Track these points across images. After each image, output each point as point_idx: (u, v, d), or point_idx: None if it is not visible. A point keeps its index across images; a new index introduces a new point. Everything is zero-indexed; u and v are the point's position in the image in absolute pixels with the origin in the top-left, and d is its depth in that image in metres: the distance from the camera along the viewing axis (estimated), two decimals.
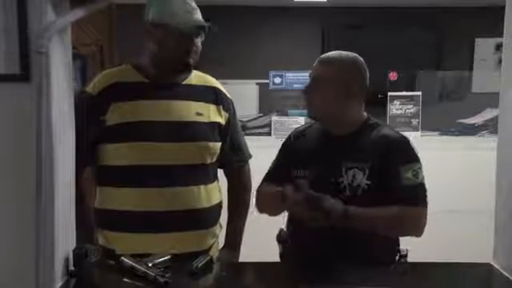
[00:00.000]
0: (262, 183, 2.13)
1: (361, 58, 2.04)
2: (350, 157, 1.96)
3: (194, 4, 2.04)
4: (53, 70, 1.62)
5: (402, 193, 1.90)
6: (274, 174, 2.11)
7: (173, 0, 2.02)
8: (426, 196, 1.94)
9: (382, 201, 1.87)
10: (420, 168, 1.95)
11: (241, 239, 2.28)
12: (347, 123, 2.03)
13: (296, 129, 2.22)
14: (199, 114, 2.08)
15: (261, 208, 2.13)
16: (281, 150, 2.16)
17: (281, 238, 2.18)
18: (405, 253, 2.01)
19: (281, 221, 2.13)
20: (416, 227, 1.92)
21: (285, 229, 2.17)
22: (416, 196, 1.92)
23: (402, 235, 1.98)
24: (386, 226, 1.91)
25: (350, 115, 2.03)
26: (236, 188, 2.25)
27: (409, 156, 1.96)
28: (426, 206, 1.93)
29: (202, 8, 2.04)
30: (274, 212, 2.11)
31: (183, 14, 1.99)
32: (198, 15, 2.04)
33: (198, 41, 2.05)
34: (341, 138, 2.02)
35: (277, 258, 2.11)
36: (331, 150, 2.01)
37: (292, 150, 2.11)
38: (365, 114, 2.06)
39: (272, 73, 5.57)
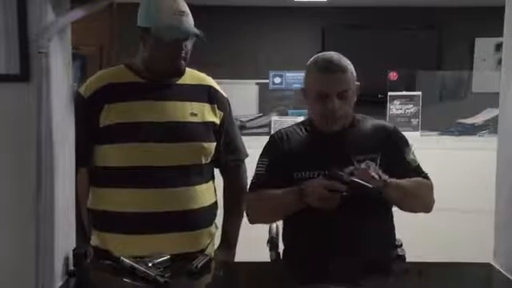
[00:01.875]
0: (254, 191, 2.07)
1: None
2: (358, 150, 1.98)
3: (183, 7, 2.00)
4: (53, 70, 1.62)
5: (412, 174, 2.01)
6: (271, 181, 2.02)
7: (161, 6, 1.98)
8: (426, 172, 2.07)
9: None
10: (413, 149, 2.09)
11: (236, 238, 2.27)
12: (347, 119, 2.03)
13: (277, 132, 2.15)
14: (193, 115, 2.07)
15: (259, 216, 2.08)
16: (270, 155, 2.09)
17: (272, 245, 2.19)
18: (399, 243, 2.05)
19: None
20: (431, 199, 2.03)
21: (275, 236, 2.18)
22: (423, 173, 2.05)
23: (421, 207, 2.04)
24: (414, 194, 1.97)
25: (352, 111, 2.05)
26: (232, 187, 2.25)
27: (405, 140, 2.09)
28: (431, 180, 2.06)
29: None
30: (277, 216, 2.10)
31: (170, 20, 1.96)
32: (186, 20, 2.00)
33: (188, 43, 2.03)
34: (339, 135, 2.02)
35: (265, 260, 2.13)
36: (336, 146, 2.00)
37: (286, 152, 2.06)
38: None
39: (272, 73, 5.56)
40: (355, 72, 2.01)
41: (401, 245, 2.10)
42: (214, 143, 2.13)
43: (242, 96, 4.63)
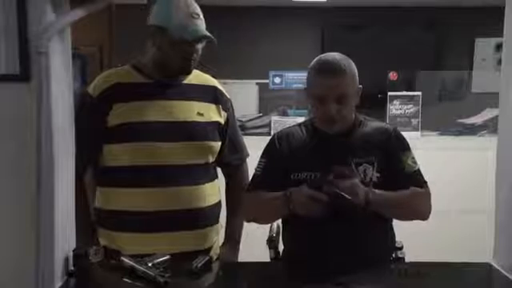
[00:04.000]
0: (252, 191, 2.08)
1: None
2: (356, 153, 1.97)
3: (198, 10, 2.02)
4: (53, 70, 1.62)
5: (407, 179, 1.99)
6: (267, 181, 2.04)
7: (178, 6, 1.99)
8: (425, 180, 2.04)
9: (390, 190, 1.92)
10: (413, 155, 2.05)
11: (240, 236, 2.29)
12: (346, 121, 2.03)
13: (278, 133, 2.16)
14: (200, 114, 2.09)
15: (253, 216, 2.10)
16: (269, 155, 2.10)
17: (272, 244, 2.19)
18: (400, 245, 2.05)
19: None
20: (426, 208, 2.01)
21: (274, 235, 2.18)
22: (420, 180, 2.02)
23: (413, 217, 2.02)
24: (403, 206, 1.96)
25: (351, 114, 2.05)
26: (234, 186, 2.27)
27: (405, 144, 2.06)
28: (428, 188, 2.03)
29: (203, 8, 2.04)
30: (269, 219, 2.12)
31: (187, 22, 1.98)
32: (202, 23, 2.02)
33: (199, 46, 2.05)
34: (339, 136, 2.01)
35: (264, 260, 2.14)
36: (334, 148, 1.99)
37: (284, 153, 2.06)
38: None
39: (272, 73, 5.56)
40: (357, 74, 2.00)
41: (401, 247, 2.09)
42: (220, 142, 2.16)
43: (242, 96, 4.62)
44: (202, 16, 2.03)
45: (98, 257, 1.81)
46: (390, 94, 4.37)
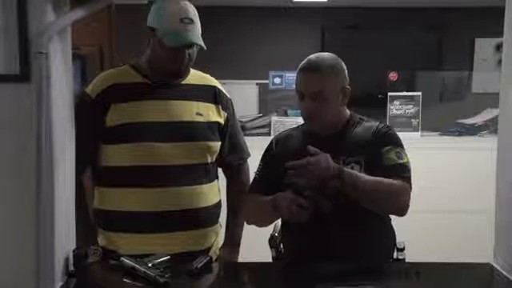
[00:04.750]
0: (248, 194, 2.11)
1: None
2: (344, 153, 1.97)
3: (191, 15, 2.00)
4: (53, 70, 1.62)
5: (385, 172, 1.91)
6: (263, 184, 2.07)
7: (170, 10, 1.98)
8: (409, 175, 1.95)
9: None
10: (403, 151, 1.98)
11: (240, 237, 2.29)
12: (337, 122, 2.04)
13: (277, 135, 2.18)
14: (199, 114, 2.09)
15: (251, 219, 2.12)
16: (266, 159, 2.13)
17: (273, 243, 2.19)
18: (402, 246, 2.04)
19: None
20: (401, 203, 1.91)
21: (276, 234, 2.18)
22: (400, 174, 1.93)
23: (385, 209, 1.96)
24: (378, 192, 1.88)
25: (343, 114, 2.05)
26: (235, 186, 2.27)
27: (391, 139, 2.00)
28: (409, 185, 1.94)
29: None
30: (265, 222, 2.10)
31: (177, 27, 1.96)
32: (194, 28, 2.00)
33: (191, 50, 2.04)
34: (330, 137, 2.02)
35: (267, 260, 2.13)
36: (324, 149, 1.99)
37: (279, 156, 2.06)
38: (347, 111, 2.08)
39: (272, 73, 5.57)
40: (346, 74, 2.01)
41: (403, 248, 2.07)
42: (219, 143, 2.15)
43: (242, 96, 4.63)
44: (196, 20, 2.01)
45: (95, 257, 1.81)
46: (390, 94, 4.38)
